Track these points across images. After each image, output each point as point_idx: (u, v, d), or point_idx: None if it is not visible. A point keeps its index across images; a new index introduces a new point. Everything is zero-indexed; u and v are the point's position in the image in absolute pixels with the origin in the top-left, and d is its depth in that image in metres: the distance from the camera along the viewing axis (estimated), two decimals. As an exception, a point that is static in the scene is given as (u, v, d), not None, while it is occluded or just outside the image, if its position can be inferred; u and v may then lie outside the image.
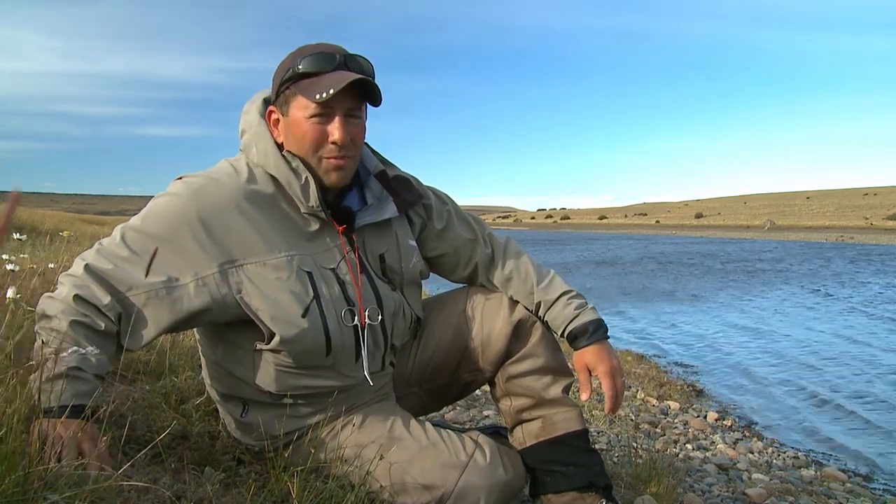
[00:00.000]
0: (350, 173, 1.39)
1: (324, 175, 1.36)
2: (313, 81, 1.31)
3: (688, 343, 8.12)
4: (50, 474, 0.95)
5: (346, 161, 1.36)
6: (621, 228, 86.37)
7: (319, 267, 1.37)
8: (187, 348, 2.22)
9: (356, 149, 1.38)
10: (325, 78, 1.30)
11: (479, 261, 1.63)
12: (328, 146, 1.33)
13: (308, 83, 1.31)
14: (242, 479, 1.38)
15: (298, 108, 1.33)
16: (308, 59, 1.32)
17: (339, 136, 1.32)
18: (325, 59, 1.32)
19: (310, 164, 1.35)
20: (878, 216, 69.12)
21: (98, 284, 1.25)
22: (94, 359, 1.20)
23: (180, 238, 1.29)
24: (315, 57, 1.32)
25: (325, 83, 1.29)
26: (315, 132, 1.32)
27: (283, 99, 1.35)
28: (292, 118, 1.34)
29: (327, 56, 1.32)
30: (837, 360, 7.03)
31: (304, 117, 1.32)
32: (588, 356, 1.55)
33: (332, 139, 1.32)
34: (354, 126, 1.35)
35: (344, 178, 1.38)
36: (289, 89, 1.33)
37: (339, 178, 1.37)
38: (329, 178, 1.36)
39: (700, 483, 2.69)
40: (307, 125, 1.32)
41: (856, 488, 3.25)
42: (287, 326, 1.31)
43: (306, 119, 1.32)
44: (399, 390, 1.62)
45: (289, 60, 1.34)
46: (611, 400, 1.53)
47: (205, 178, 1.34)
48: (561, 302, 1.57)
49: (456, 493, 1.37)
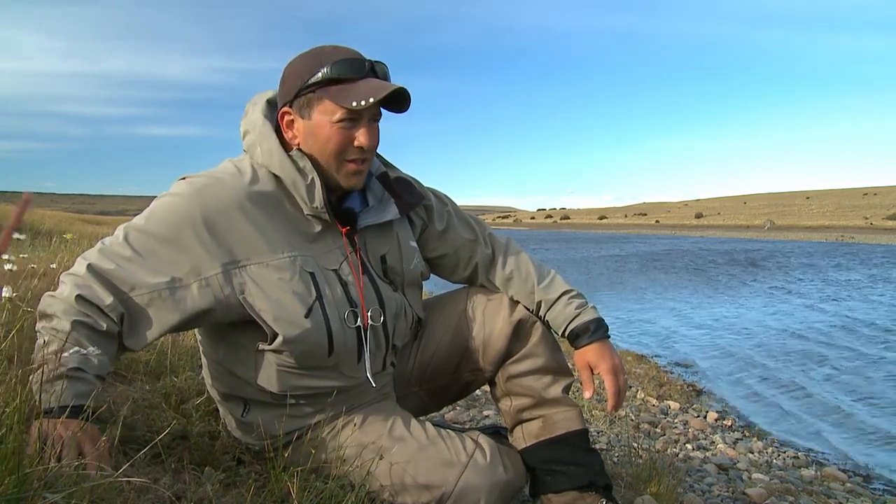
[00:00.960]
0: (365, 177, 1.42)
1: (344, 178, 1.37)
2: (345, 88, 1.31)
3: (688, 343, 8.12)
4: (49, 474, 0.95)
5: (366, 165, 1.38)
6: (621, 228, 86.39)
7: (322, 268, 1.38)
8: (187, 348, 2.22)
9: (374, 153, 1.40)
10: (358, 85, 1.31)
11: (480, 261, 1.63)
12: (351, 150, 1.35)
13: (338, 89, 1.31)
14: (242, 479, 1.38)
15: (324, 113, 1.33)
16: (338, 64, 1.31)
17: (366, 142, 1.33)
18: (356, 65, 1.32)
19: (328, 166, 1.36)
20: (877, 216, 69.14)
21: (100, 284, 1.25)
22: (95, 359, 1.20)
23: (183, 238, 1.29)
24: (345, 63, 1.32)
25: (361, 91, 1.30)
26: (340, 137, 1.33)
27: (305, 102, 1.34)
28: (316, 122, 1.34)
29: (357, 62, 1.33)
30: (838, 361, 7.03)
31: (329, 122, 1.33)
32: (589, 354, 1.55)
33: (359, 144, 1.34)
34: (377, 131, 1.38)
35: (362, 181, 1.40)
36: (314, 93, 1.33)
37: (358, 181, 1.39)
38: (349, 182, 1.38)
39: (700, 483, 2.69)
40: (332, 129, 1.33)
41: (856, 488, 3.25)
42: (290, 327, 1.31)
43: (332, 123, 1.32)
44: (399, 390, 1.62)
45: (310, 63, 1.33)
46: (613, 397, 1.54)
47: (208, 178, 1.34)
48: (562, 301, 1.58)
49: (456, 493, 1.37)
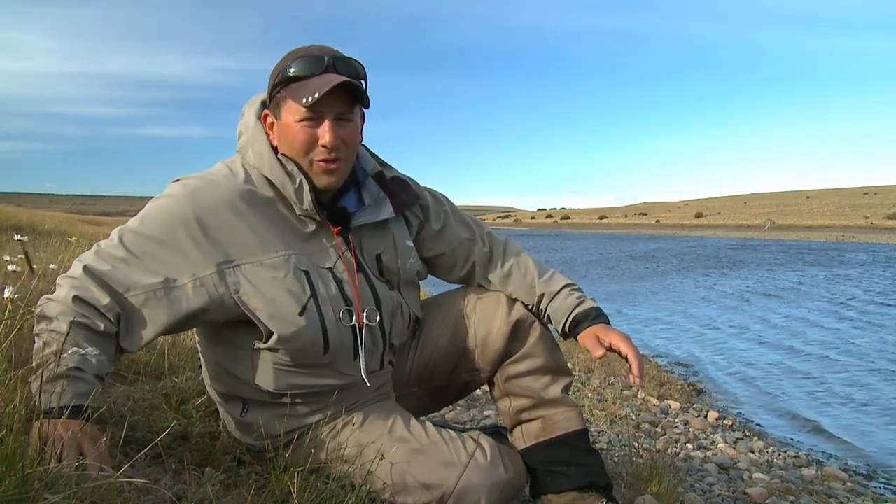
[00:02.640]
0: (342, 176, 1.39)
1: (315, 178, 1.37)
2: (301, 85, 1.31)
3: (689, 342, 8.11)
4: (50, 475, 0.95)
5: (337, 164, 1.36)
6: (621, 228, 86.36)
7: (316, 266, 1.38)
8: (187, 349, 2.22)
9: (349, 151, 1.38)
10: (312, 81, 1.31)
11: (477, 260, 1.63)
12: (318, 149, 1.34)
13: (297, 87, 1.32)
14: (243, 479, 1.38)
15: (289, 112, 1.34)
16: (297, 62, 1.32)
17: (328, 140, 1.32)
18: (313, 62, 1.32)
19: (302, 166, 1.36)
20: (878, 215, 69.14)
21: (97, 285, 1.25)
22: (94, 359, 1.20)
23: (178, 239, 1.29)
24: (303, 60, 1.32)
25: (312, 87, 1.30)
26: (304, 135, 1.33)
27: (276, 102, 1.36)
28: (284, 122, 1.35)
29: (315, 59, 1.32)
30: (839, 360, 7.03)
31: (294, 121, 1.33)
32: (595, 330, 1.52)
33: (322, 142, 1.33)
34: (345, 129, 1.35)
35: (335, 181, 1.38)
36: (280, 93, 1.34)
37: (329, 181, 1.37)
38: (320, 181, 1.37)
39: (701, 483, 2.69)
40: (297, 128, 1.33)
41: (856, 487, 3.25)
42: (285, 325, 1.31)
43: (296, 123, 1.33)
44: (398, 390, 1.62)
45: (281, 63, 1.35)
46: (634, 359, 1.47)
47: (201, 180, 1.35)
48: (563, 293, 1.58)
49: (456, 493, 1.37)
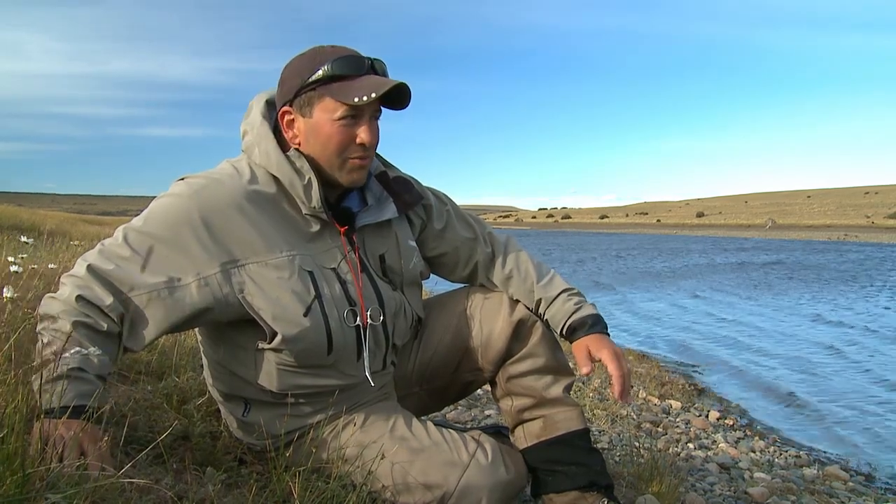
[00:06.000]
0: (367, 173, 1.42)
1: (345, 175, 1.38)
2: (346, 85, 1.31)
3: (689, 342, 8.11)
4: (51, 475, 0.95)
5: (367, 162, 1.39)
6: (622, 228, 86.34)
7: (320, 267, 1.38)
8: (189, 349, 2.22)
9: (375, 151, 1.41)
10: (360, 81, 1.32)
11: (479, 260, 1.63)
12: (353, 147, 1.35)
13: (339, 86, 1.32)
14: (244, 479, 1.38)
15: (325, 111, 1.33)
16: (339, 62, 1.32)
17: (367, 139, 1.34)
18: (355, 62, 1.33)
19: (329, 164, 1.36)
20: (879, 215, 69.11)
21: (100, 285, 1.25)
22: (96, 359, 1.20)
23: (182, 238, 1.29)
24: (345, 60, 1.33)
25: (363, 87, 1.31)
26: (342, 134, 1.34)
27: (306, 100, 1.34)
28: (317, 120, 1.34)
29: (358, 59, 1.34)
30: (840, 361, 7.03)
31: (330, 119, 1.33)
32: (588, 342, 1.52)
33: (360, 141, 1.34)
34: (377, 128, 1.38)
35: (363, 178, 1.41)
36: (314, 91, 1.33)
37: (359, 177, 1.40)
38: (350, 178, 1.38)
39: (702, 482, 2.69)
40: (334, 127, 1.33)
41: (858, 487, 3.24)
42: (289, 325, 1.31)
43: (334, 121, 1.33)
44: (400, 390, 1.62)
45: (309, 62, 1.34)
46: (619, 380, 1.46)
47: (206, 179, 1.35)
48: (561, 298, 1.57)
49: (458, 493, 1.37)
